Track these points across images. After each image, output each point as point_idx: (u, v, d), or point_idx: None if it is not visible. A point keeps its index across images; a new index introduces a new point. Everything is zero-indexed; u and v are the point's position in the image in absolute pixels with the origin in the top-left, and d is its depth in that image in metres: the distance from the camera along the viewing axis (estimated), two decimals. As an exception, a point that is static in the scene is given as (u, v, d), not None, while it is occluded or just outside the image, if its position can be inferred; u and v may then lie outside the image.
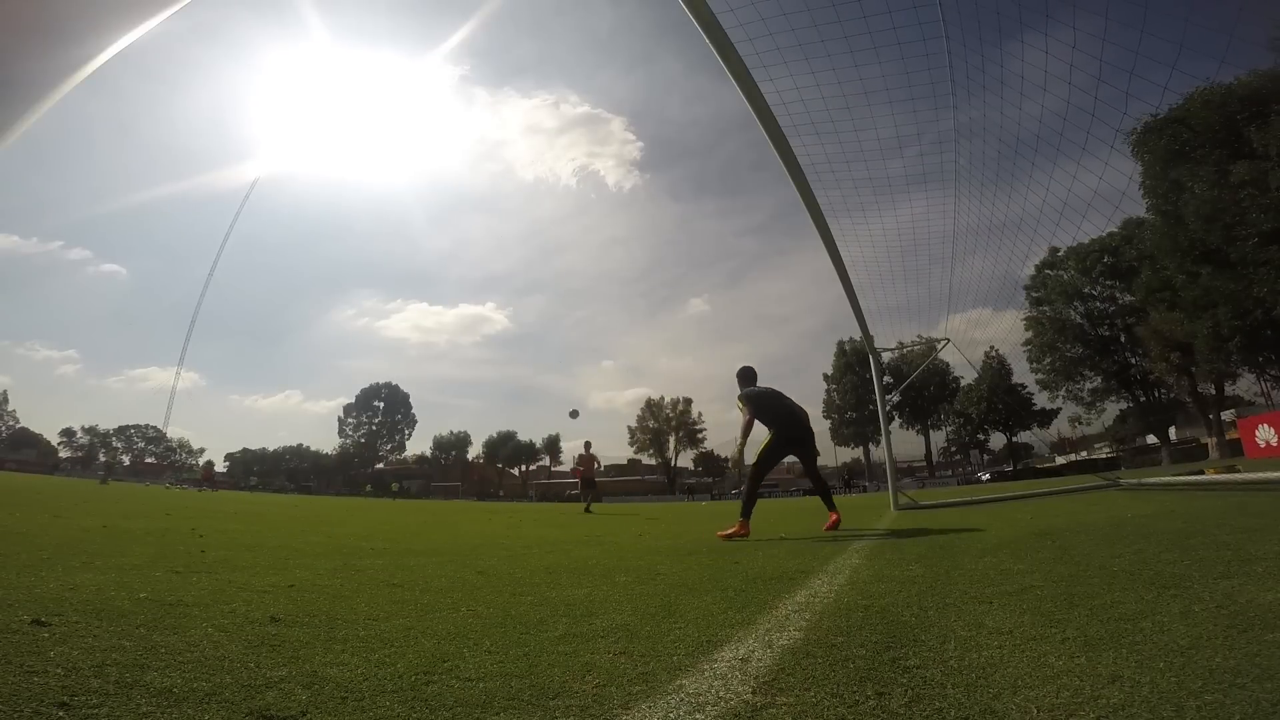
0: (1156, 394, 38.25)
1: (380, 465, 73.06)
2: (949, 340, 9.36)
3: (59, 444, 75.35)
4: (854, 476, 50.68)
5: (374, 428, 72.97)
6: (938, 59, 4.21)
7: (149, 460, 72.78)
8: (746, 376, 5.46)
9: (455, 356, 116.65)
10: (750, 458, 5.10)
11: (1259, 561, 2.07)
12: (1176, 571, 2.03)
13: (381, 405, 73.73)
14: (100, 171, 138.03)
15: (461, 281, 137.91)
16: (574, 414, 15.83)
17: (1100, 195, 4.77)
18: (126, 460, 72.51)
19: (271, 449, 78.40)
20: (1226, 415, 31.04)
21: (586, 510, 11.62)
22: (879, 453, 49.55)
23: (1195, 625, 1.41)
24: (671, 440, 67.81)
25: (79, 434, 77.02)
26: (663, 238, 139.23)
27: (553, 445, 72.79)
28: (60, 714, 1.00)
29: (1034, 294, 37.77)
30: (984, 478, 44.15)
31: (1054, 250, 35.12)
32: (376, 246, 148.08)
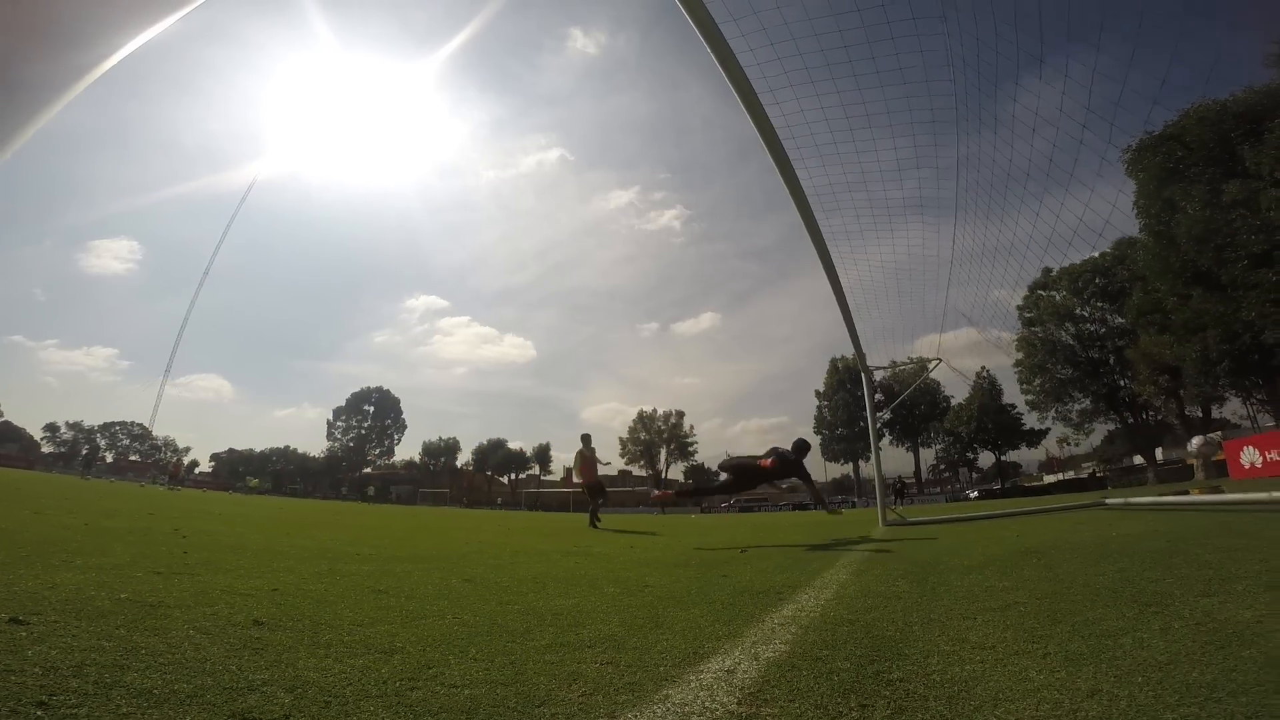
0: (1144, 416, 38.60)
1: (368, 470, 72.29)
2: (940, 360, 9.43)
3: (42, 439, 74.35)
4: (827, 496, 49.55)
5: (363, 431, 72.33)
6: (939, 86, 4.33)
7: (133, 458, 71.71)
8: (800, 449, 6.40)
9: (461, 367, 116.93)
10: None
11: (1239, 580, 2.09)
12: (1158, 589, 2.05)
13: (371, 410, 73.17)
14: (106, 171, 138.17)
15: (472, 292, 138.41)
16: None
17: (1088, 226, 4.85)
18: (109, 457, 71.38)
19: (258, 450, 77.61)
20: (1213, 437, 31.33)
21: (594, 524, 8.91)
22: (868, 469, 49.67)
23: (1174, 641, 1.43)
24: (663, 452, 67.64)
25: (63, 429, 75.98)
26: (671, 259, 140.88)
27: (543, 454, 72.38)
28: (39, 713, 0.98)
29: (1026, 314, 38.07)
30: (972, 495, 44.26)
31: (1047, 270, 35.43)
32: (384, 251, 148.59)
